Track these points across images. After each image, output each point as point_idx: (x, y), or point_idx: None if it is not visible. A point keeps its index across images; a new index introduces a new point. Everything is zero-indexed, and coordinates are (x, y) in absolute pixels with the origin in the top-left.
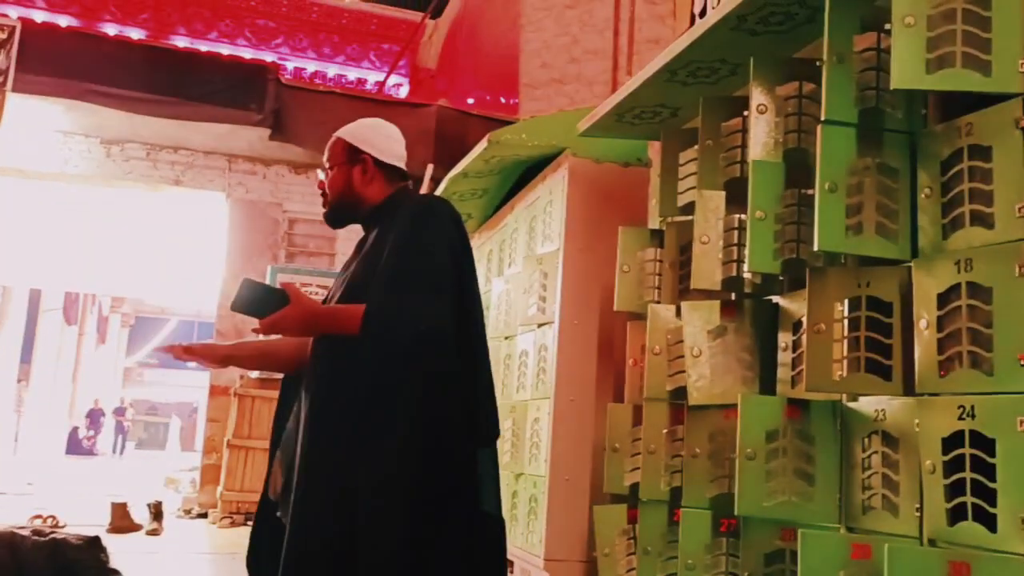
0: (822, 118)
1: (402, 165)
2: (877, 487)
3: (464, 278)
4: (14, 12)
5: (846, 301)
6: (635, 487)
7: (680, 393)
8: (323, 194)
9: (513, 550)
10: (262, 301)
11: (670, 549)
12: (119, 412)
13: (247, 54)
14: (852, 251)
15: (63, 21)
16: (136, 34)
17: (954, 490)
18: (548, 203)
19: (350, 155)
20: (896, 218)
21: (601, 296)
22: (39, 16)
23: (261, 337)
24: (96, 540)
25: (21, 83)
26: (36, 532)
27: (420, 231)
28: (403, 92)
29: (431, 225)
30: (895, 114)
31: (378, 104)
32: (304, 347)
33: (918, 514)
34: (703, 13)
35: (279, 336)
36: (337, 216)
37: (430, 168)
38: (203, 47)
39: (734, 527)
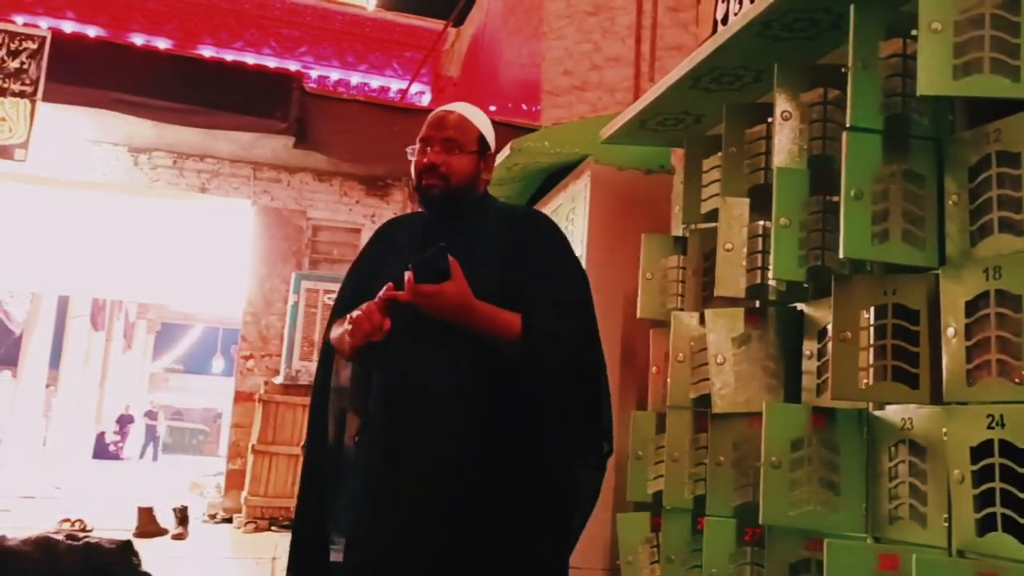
0: (847, 124)
1: None
2: (904, 497)
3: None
4: (44, 23)
5: (872, 309)
6: (658, 495)
7: (704, 401)
8: (435, 173)
9: None
10: (435, 267)
11: (694, 558)
12: (151, 415)
13: (272, 63)
14: (878, 258)
15: (92, 31)
16: (163, 44)
17: (983, 500)
18: (571, 210)
19: (481, 146)
20: (923, 225)
21: (624, 303)
22: (68, 27)
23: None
24: (128, 544)
25: (51, 92)
26: (70, 536)
27: (568, 251)
28: (425, 100)
29: (568, 244)
30: (921, 120)
31: (401, 112)
32: None
33: (946, 524)
34: (726, 20)
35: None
36: (449, 203)
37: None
38: (229, 56)
39: (759, 536)
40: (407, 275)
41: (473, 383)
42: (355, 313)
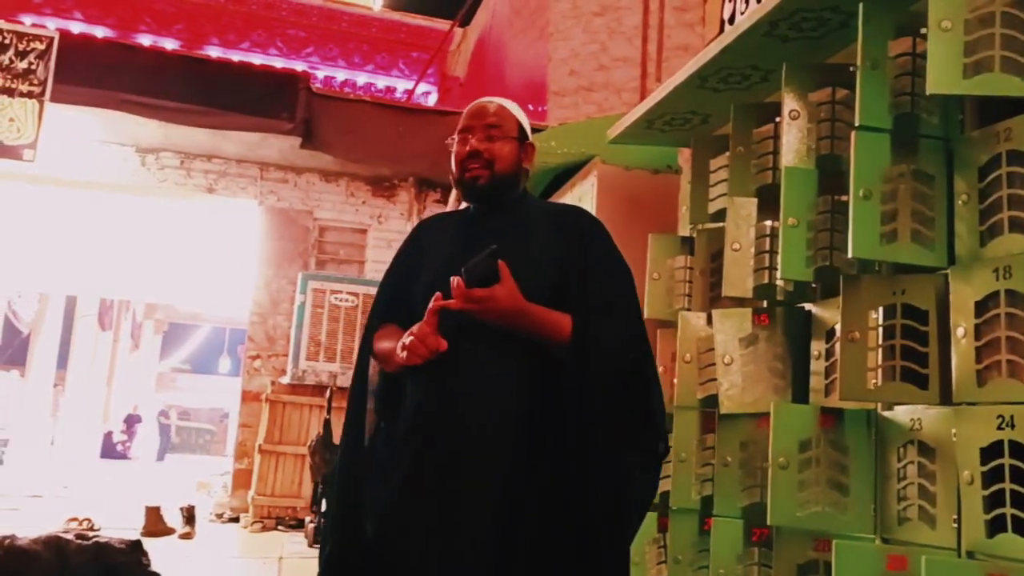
0: (856, 124)
1: None
2: (913, 498)
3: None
4: (52, 23)
5: (881, 309)
6: (665, 495)
7: (711, 401)
8: (479, 159)
9: None
10: (486, 271)
11: (701, 558)
12: (164, 415)
13: (278, 63)
14: (887, 258)
15: (99, 32)
16: (170, 44)
17: (993, 501)
18: None
19: (521, 134)
20: (932, 225)
21: None
22: (76, 27)
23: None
24: (138, 544)
25: (59, 93)
26: (80, 536)
27: (614, 250)
28: (432, 100)
29: (613, 242)
30: (930, 120)
31: (407, 112)
32: None
33: (955, 525)
34: (732, 19)
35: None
36: (495, 191)
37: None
38: (235, 57)
39: (766, 537)
40: (455, 280)
41: (520, 402)
42: (407, 339)
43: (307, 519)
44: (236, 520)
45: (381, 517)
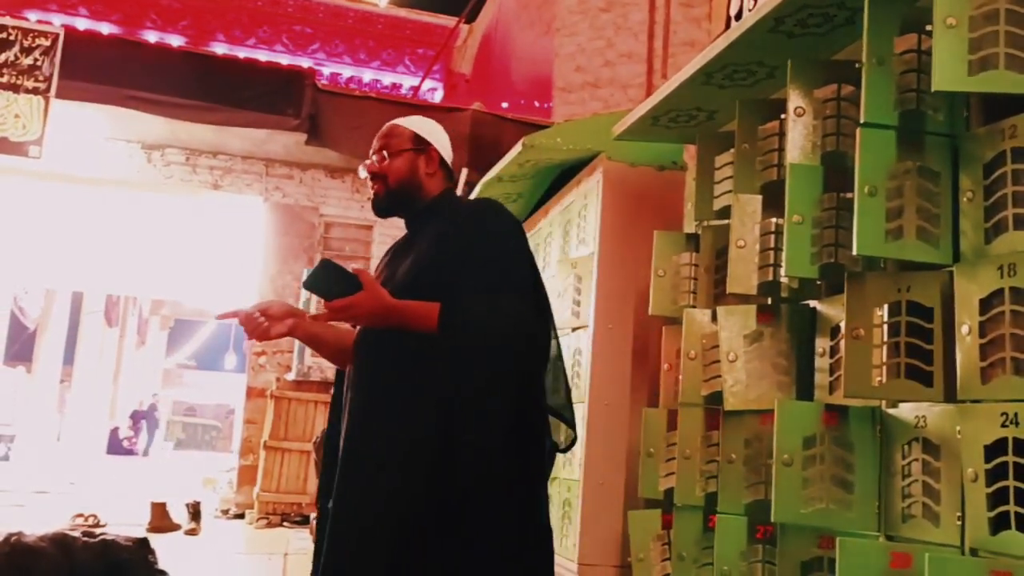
0: (861, 121)
1: (451, 166)
2: (917, 495)
3: (539, 280)
4: (58, 20)
5: (886, 306)
6: (670, 492)
7: (715, 398)
8: (377, 178)
9: None
10: (333, 283)
11: (705, 555)
12: (153, 407)
13: (284, 60)
14: (892, 255)
15: (105, 28)
16: (176, 40)
17: (997, 498)
18: (583, 207)
19: (417, 144)
20: (937, 222)
21: (636, 300)
22: (82, 24)
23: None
24: (144, 541)
25: (64, 89)
26: (86, 533)
27: (498, 233)
28: (437, 96)
29: (507, 228)
30: (936, 117)
31: (413, 109)
32: (345, 342)
33: (959, 523)
34: (739, 16)
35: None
36: (393, 203)
37: (464, 172)
38: (241, 53)
39: (770, 534)
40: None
41: (402, 371)
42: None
43: (312, 515)
44: (241, 516)
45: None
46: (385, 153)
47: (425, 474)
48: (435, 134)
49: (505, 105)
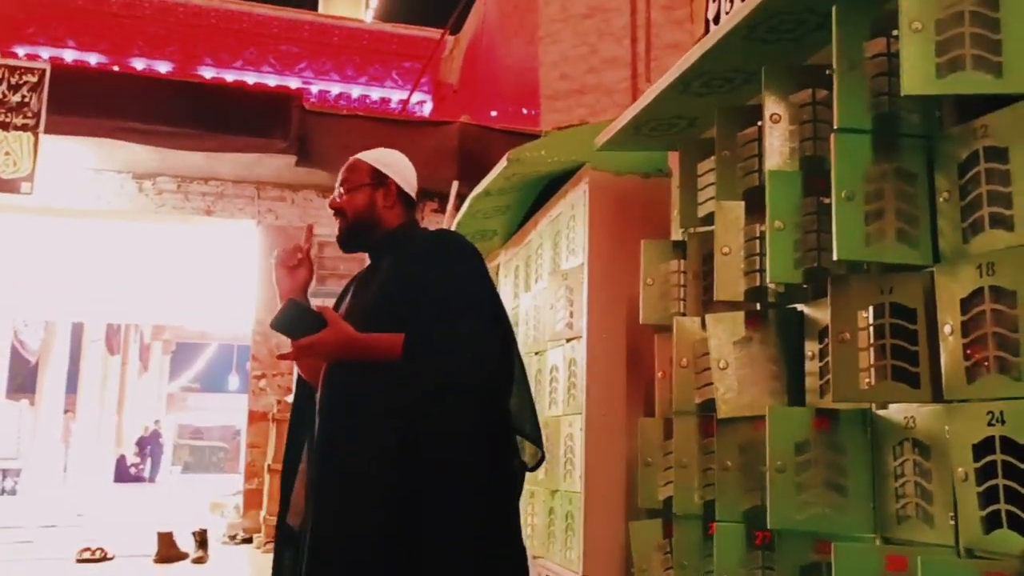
0: (835, 126)
1: (414, 196)
2: (910, 496)
3: (500, 306)
4: (46, 52)
5: (870, 309)
6: (669, 501)
7: (709, 405)
8: (338, 213)
9: (551, 567)
10: (299, 322)
11: (706, 564)
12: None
13: (272, 80)
14: (872, 258)
15: (93, 58)
16: (164, 66)
17: (988, 498)
18: (571, 218)
19: (375, 178)
20: (916, 223)
21: (627, 309)
22: (69, 55)
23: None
24: None
25: (53, 124)
26: None
27: (455, 261)
28: (427, 109)
29: (464, 255)
30: (910, 118)
31: (401, 125)
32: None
33: (953, 523)
34: (717, 19)
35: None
36: (353, 237)
37: (455, 185)
38: (229, 76)
39: (769, 540)
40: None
41: (369, 413)
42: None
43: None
44: (249, 541)
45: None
46: (343, 189)
47: (390, 496)
48: (394, 166)
49: (494, 114)
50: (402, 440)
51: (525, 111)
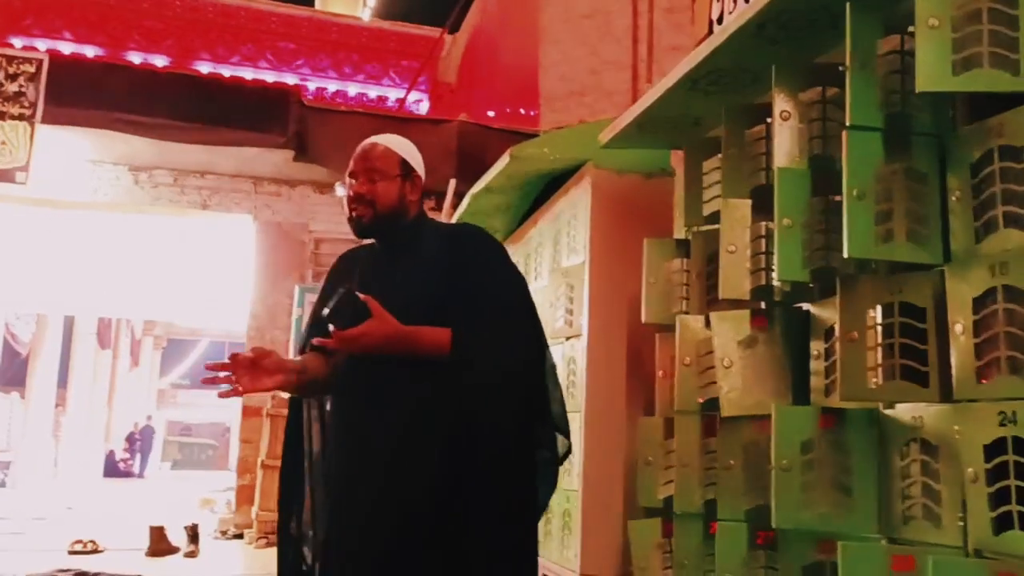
0: (847, 124)
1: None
2: (917, 496)
3: (534, 303)
4: (42, 44)
5: (879, 308)
6: (669, 500)
7: (712, 405)
8: (362, 201)
9: (549, 565)
10: (349, 313)
11: (706, 563)
12: (148, 429)
13: (269, 76)
14: (883, 257)
15: (89, 51)
16: (160, 61)
17: (998, 498)
18: (572, 216)
19: (403, 170)
20: (927, 223)
21: (628, 308)
22: (66, 47)
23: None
24: None
25: (49, 115)
26: (79, 574)
27: (494, 260)
28: (423, 108)
29: (499, 254)
30: (922, 117)
31: (399, 122)
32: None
33: (961, 523)
34: (720, 20)
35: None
36: (378, 227)
37: (452, 183)
38: (226, 71)
39: (771, 540)
40: (332, 327)
41: (409, 395)
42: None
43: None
44: (240, 536)
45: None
46: (373, 177)
47: (433, 500)
48: (417, 158)
49: (491, 114)
50: (448, 440)
51: (523, 111)
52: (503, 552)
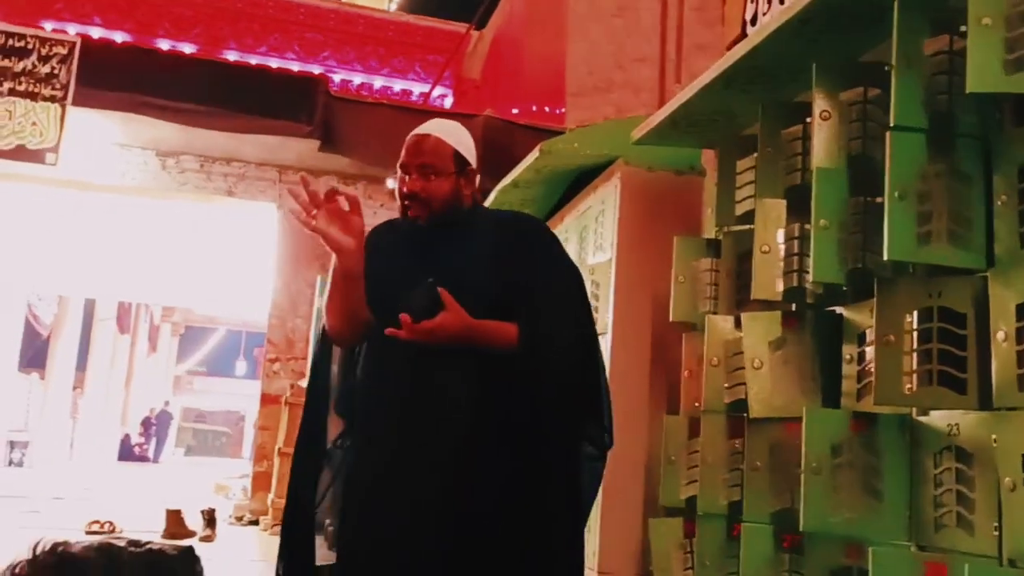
0: (891, 123)
1: None
2: (951, 504)
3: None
4: (72, 29)
5: (916, 312)
6: (691, 500)
7: (738, 405)
8: (417, 199)
9: None
10: (427, 303)
11: (729, 564)
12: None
13: (295, 67)
14: (923, 260)
15: (119, 37)
16: (188, 48)
17: None
18: (600, 212)
19: (459, 165)
20: (969, 226)
21: (653, 307)
22: (96, 32)
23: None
24: (190, 550)
25: (80, 97)
26: (132, 543)
27: (559, 255)
28: (448, 103)
29: (559, 245)
30: (967, 118)
31: (425, 115)
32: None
33: (996, 532)
34: (754, 20)
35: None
36: (436, 221)
37: (476, 178)
38: (253, 60)
39: (797, 543)
40: (404, 317)
41: (472, 392)
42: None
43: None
44: (256, 523)
45: (350, 525)
46: (428, 174)
47: (498, 499)
48: (470, 146)
49: (515, 111)
50: (517, 433)
51: (547, 109)
52: (561, 553)
